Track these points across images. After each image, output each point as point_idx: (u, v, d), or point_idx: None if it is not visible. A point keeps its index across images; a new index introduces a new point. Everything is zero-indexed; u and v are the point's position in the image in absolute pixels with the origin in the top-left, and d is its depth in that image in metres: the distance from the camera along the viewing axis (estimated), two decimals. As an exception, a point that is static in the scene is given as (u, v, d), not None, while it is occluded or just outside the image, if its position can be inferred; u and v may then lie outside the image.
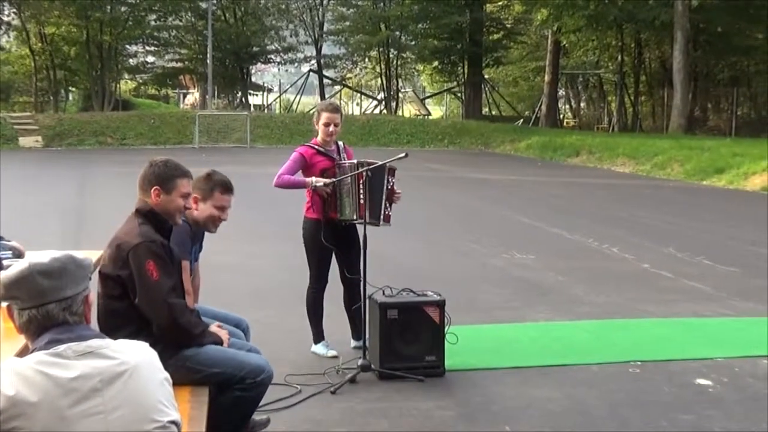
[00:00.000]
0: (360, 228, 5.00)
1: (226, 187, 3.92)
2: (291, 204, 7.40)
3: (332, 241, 5.05)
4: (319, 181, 4.95)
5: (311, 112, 44.21)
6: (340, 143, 5.27)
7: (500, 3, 42.10)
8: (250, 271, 8.00)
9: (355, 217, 4.93)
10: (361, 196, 4.88)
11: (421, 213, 12.01)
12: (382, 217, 5.01)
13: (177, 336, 3.23)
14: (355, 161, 4.99)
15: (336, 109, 5.21)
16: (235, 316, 4.05)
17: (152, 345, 2.16)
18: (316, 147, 5.13)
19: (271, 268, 8.16)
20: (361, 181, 4.88)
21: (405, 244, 9.34)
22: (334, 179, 4.97)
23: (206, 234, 4.08)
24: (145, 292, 3.16)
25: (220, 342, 3.40)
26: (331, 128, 5.10)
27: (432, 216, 12.16)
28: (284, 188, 5.09)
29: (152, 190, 3.30)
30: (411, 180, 17.79)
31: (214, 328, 3.48)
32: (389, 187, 5.03)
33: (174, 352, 3.23)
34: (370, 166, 4.90)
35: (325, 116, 5.11)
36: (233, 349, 3.42)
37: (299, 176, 5.08)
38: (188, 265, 3.78)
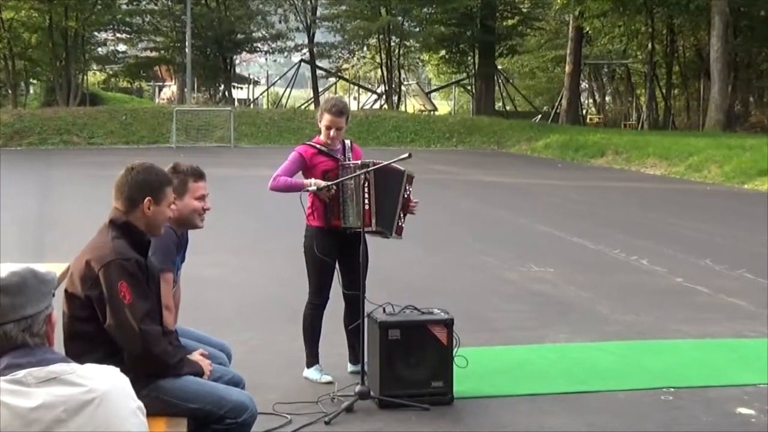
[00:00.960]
0: (366, 237, 5.03)
1: (198, 174, 3.95)
2: (281, 210, 7.43)
3: (335, 253, 5.07)
4: (317, 184, 4.96)
5: (305, 107, 44.57)
6: (347, 141, 5.29)
7: (515, -16, 42.25)
8: (235, 286, 8.01)
9: (360, 224, 4.94)
10: (366, 201, 4.90)
11: (426, 221, 11.98)
12: (394, 227, 5.04)
13: (151, 366, 3.23)
14: (359, 162, 5.02)
15: (341, 112, 5.14)
16: (216, 340, 4.05)
17: (123, 372, 2.16)
18: (318, 146, 5.14)
19: (259, 282, 8.17)
20: (366, 184, 4.90)
21: (408, 255, 9.35)
22: (331, 182, 4.98)
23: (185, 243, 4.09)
24: (116, 317, 3.16)
25: (200, 373, 3.39)
26: (333, 132, 5.11)
27: (438, 224, 12.17)
28: (280, 192, 5.11)
29: (144, 201, 3.31)
30: (415, 183, 17.37)
31: (196, 356, 3.47)
32: (406, 195, 5.06)
33: (147, 382, 3.22)
34: (374, 167, 4.91)
35: (327, 118, 5.11)
36: (213, 383, 3.41)
37: (298, 178, 5.11)
38: (171, 278, 3.78)
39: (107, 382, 2.03)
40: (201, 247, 8.70)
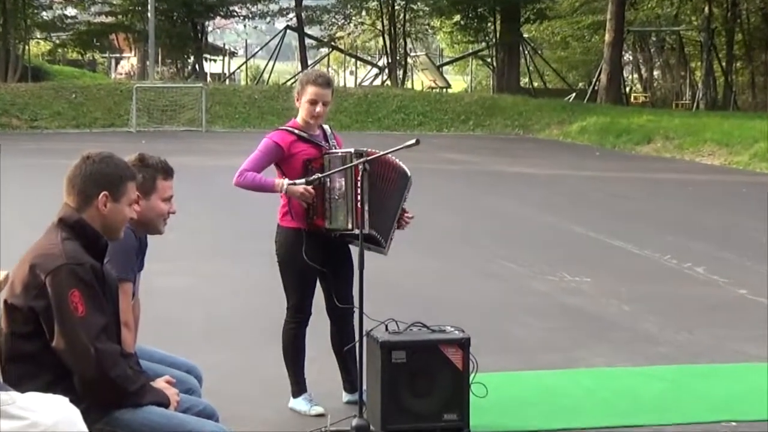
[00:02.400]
0: (355, 245, 5.03)
1: (168, 171, 3.94)
2: (262, 207, 7.42)
3: (318, 259, 5.05)
4: (294, 183, 4.92)
5: (291, 83, 44.41)
6: (327, 127, 5.25)
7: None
8: (205, 299, 8.02)
9: (350, 226, 4.93)
10: (359, 198, 4.88)
11: (437, 220, 12.04)
12: (390, 238, 5.05)
13: (107, 393, 3.22)
14: (351, 150, 4.97)
15: (327, 82, 5.18)
16: (184, 361, 4.05)
17: (74, 401, 2.17)
18: (296, 131, 5.10)
19: (236, 294, 8.18)
20: (358, 178, 4.87)
21: (415, 262, 9.35)
22: (316, 176, 4.94)
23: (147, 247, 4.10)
24: (66, 333, 3.15)
25: (165, 403, 3.39)
26: (318, 108, 5.08)
27: (452, 224, 12.17)
28: (247, 189, 5.08)
29: (99, 196, 3.31)
30: (424, 175, 17.49)
31: (160, 383, 3.47)
32: (404, 205, 5.08)
33: (102, 413, 3.22)
34: (372, 156, 4.89)
35: (311, 91, 5.09)
36: (181, 414, 3.41)
37: (270, 174, 5.07)
38: (130, 289, 3.79)
39: (54, 415, 2.03)
40: (164, 252, 8.73)
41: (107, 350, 3.19)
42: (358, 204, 4.86)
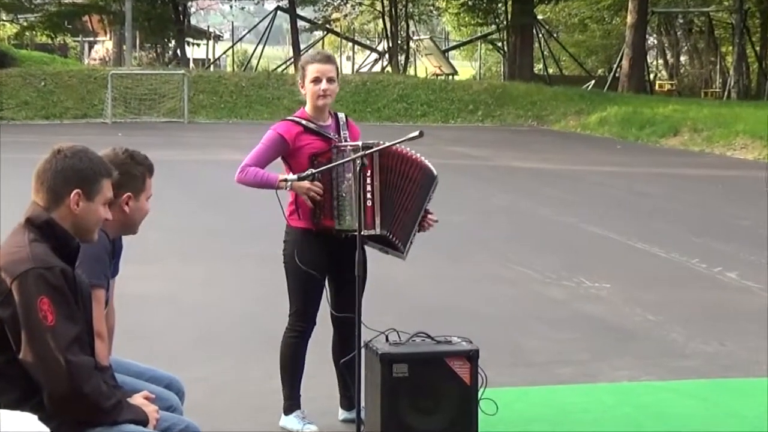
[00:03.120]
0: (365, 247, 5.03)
1: (152, 170, 3.97)
2: (252, 204, 7.43)
3: (325, 263, 5.06)
4: (294, 177, 4.91)
5: (282, 69, 44.42)
6: (341, 116, 5.26)
7: None
8: (189, 306, 8.02)
9: (357, 225, 4.90)
10: (369, 195, 4.87)
11: (442, 220, 11.91)
12: (409, 244, 5.06)
13: (79, 410, 3.21)
14: (359, 143, 4.97)
15: (328, 57, 5.23)
16: (164, 374, 4.05)
17: (43, 419, 2.17)
18: (304, 121, 5.10)
19: (224, 301, 8.18)
20: (368, 173, 4.86)
21: (420, 266, 9.35)
22: (309, 171, 4.92)
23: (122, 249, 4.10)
24: (34, 344, 3.15)
25: (143, 421, 3.39)
26: (324, 85, 5.08)
27: (459, 225, 12.17)
28: (250, 186, 5.09)
29: (72, 194, 3.30)
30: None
31: (138, 400, 3.46)
32: (428, 206, 5.12)
33: (74, 432, 3.23)
34: (373, 150, 4.85)
35: (313, 69, 5.09)
36: (161, 433, 3.41)
37: (275, 168, 5.07)
38: (103, 296, 3.79)
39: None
40: (143, 254, 8.74)
41: (80, 363, 3.18)
42: (368, 203, 4.86)
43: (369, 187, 4.87)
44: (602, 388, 6.07)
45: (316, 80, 5.06)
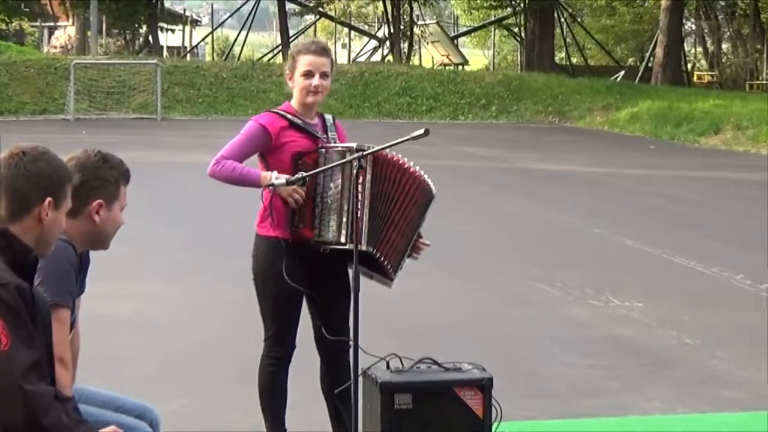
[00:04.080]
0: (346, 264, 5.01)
1: (129, 176, 3.97)
2: (232, 213, 7.44)
3: (304, 279, 5.06)
4: (281, 177, 4.89)
5: (269, 59, 44.37)
6: (328, 117, 5.27)
7: None
8: (162, 327, 8.03)
9: (343, 240, 4.91)
10: (359, 206, 4.85)
11: (450, 230, 12.03)
12: (400, 267, 5.06)
13: (39, 444, 3.23)
14: (353, 145, 4.97)
15: (323, 49, 5.20)
16: (135, 403, 4.06)
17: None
18: (289, 116, 5.12)
19: (200, 322, 8.19)
20: (360, 181, 4.85)
21: (421, 281, 9.35)
22: (300, 174, 4.91)
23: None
24: (-14, 371, 3.17)
25: (111, 456, 3.39)
26: (316, 80, 5.07)
27: (470, 235, 12.17)
28: (225, 182, 5.09)
29: (43, 204, 3.31)
30: (435, 174, 17.21)
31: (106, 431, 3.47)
32: (421, 229, 5.12)
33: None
34: (370, 151, 4.86)
35: (304, 61, 5.08)
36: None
37: (253, 166, 5.06)
38: (68, 317, 3.79)
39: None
40: (111, 270, 8.72)
41: (38, 392, 3.19)
42: (358, 213, 4.84)
43: (360, 196, 4.86)
44: (633, 421, 6.06)
45: (308, 74, 5.07)
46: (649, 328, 8.17)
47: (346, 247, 4.88)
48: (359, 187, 4.86)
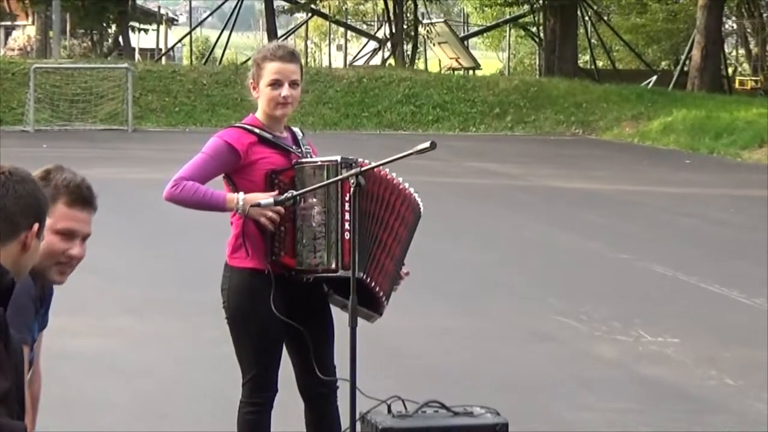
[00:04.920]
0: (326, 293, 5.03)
1: (79, 195, 3.91)
2: (211, 239, 7.40)
3: (284, 313, 5.04)
4: (266, 198, 4.86)
5: (250, 63, 43.62)
6: (296, 130, 5.24)
7: None
8: (130, 367, 8.01)
9: (334, 266, 4.91)
10: (347, 227, 4.84)
11: (460, 257, 12.04)
12: (388, 295, 5.04)
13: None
14: (337, 158, 4.95)
15: (291, 54, 5.15)
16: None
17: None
18: (257, 130, 5.10)
19: (176, 362, 8.18)
20: (347, 197, 4.83)
21: (427, 316, 9.34)
22: (290, 193, 4.89)
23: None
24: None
25: None
26: (285, 90, 5.03)
27: (483, 263, 12.15)
28: (184, 206, 5.03)
29: (31, 229, 3.32)
30: (442, 194, 16.91)
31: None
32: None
33: None
34: (367, 167, 4.86)
35: (270, 68, 5.04)
36: None
37: (216, 187, 5.03)
38: (26, 355, 3.79)
39: None
40: (76, 303, 8.71)
41: (8, 427, 3.19)
42: (345, 235, 4.84)
43: (348, 216, 4.85)
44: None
45: (276, 84, 5.04)
46: (685, 368, 8.16)
47: (338, 274, 4.87)
48: (346, 206, 4.85)
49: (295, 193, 4.86)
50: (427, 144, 4.75)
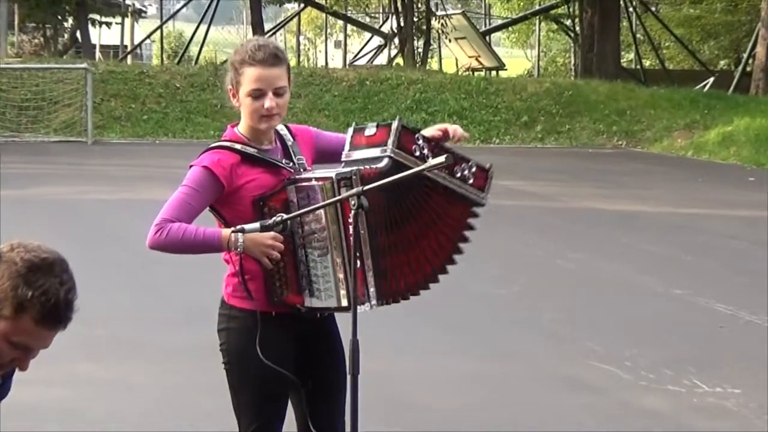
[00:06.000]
0: (340, 324, 5.05)
1: (55, 316, 3.79)
2: (187, 270, 7.46)
3: (290, 359, 5.10)
4: (255, 227, 4.83)
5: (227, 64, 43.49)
6: (285, 133, 5.21)
7: None
8: (95, 420, 8.03)
9: (345, 303, 4.90)
10: (357, 251, 4.80)
11: (484, 292, 12.11)
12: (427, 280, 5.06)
13: None
14: (332, 174, 4.87)
15: (274, 56, 5.07)
16: None
17: None
18: (238, 146, 5.09)
19: (143, 414, 8.19)
20: (349, 218, 4.77)
21: (444, 360, 9.36)
22: (279, 217, 4.87)
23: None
24: None
25: None
26: (268, 102, 4.95)
27: (509, 299, 12.15)
28: (173, 252, 4.98)
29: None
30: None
31: None
32: None
33: None
34: (373, 185, 4.85)
35: (251, 75, 4.95)
36: None
37: (206, 225, 5.01)
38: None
39: None
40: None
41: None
42: (357, 262, 4.76)
43: (353, 237, 4.73)
44: None
45: (258, 94, 5.00)
46: (749, 422, 8.17)
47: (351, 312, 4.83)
48: (349, 229, 4.79)
49: (285, 216, 4.85)
50: (441, 159, 4.72)
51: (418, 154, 4.95)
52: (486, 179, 5.11)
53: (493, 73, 44.21)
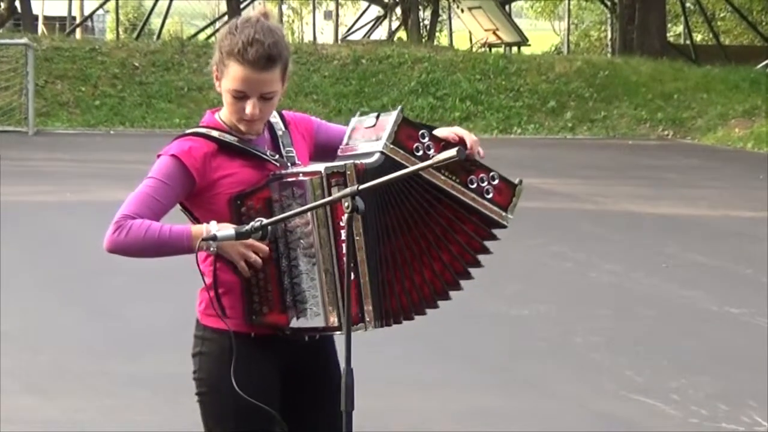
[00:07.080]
0: (337, 346, 5.07)
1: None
2: (147, 285, 7.48)
3: (275, 388, 5.13)
4: (224, 229, 4.83)
5: (209, 38, 43.74)
6: (276, 120, 5.22)
7: None
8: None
9: (335, 322, 4.92)
10: (350, 261, 4.83)
11: (506, 312, 12.12)
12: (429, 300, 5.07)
13: None
14: (321, 168, 4.90)
15: (267, 59, 5.01)
16: None
17: None
18: (217, 134, 5.13)
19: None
20: (340, 221, 4.79)
21: (458, 391, 9.38)
22: (258, 222, 4.87)
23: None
24: None
25: None
26: (249, 107, 4.93)
27: (536, 320, 12.18)
28: (136, 255, 5.00)
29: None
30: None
31: None
32: None
33: None
34: (370, 183, 4.86)
35: (235, 73, 4.93)
36: None
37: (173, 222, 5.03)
38: None
39: None
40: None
41: None
42: (351, 274, 4.78)
43: (345, 245, 4.75)
44: None
45: (239, 95, 5.01)
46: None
47: (343, 332, 4.82)
48: (341, 234, 4.83)
49: (264, 221, 4.84)
50: (452, 152, 4.71)
51: (420, 153, 4.97)
52: (511, 196, 5.12)
53: (514, 49, 44.20)
